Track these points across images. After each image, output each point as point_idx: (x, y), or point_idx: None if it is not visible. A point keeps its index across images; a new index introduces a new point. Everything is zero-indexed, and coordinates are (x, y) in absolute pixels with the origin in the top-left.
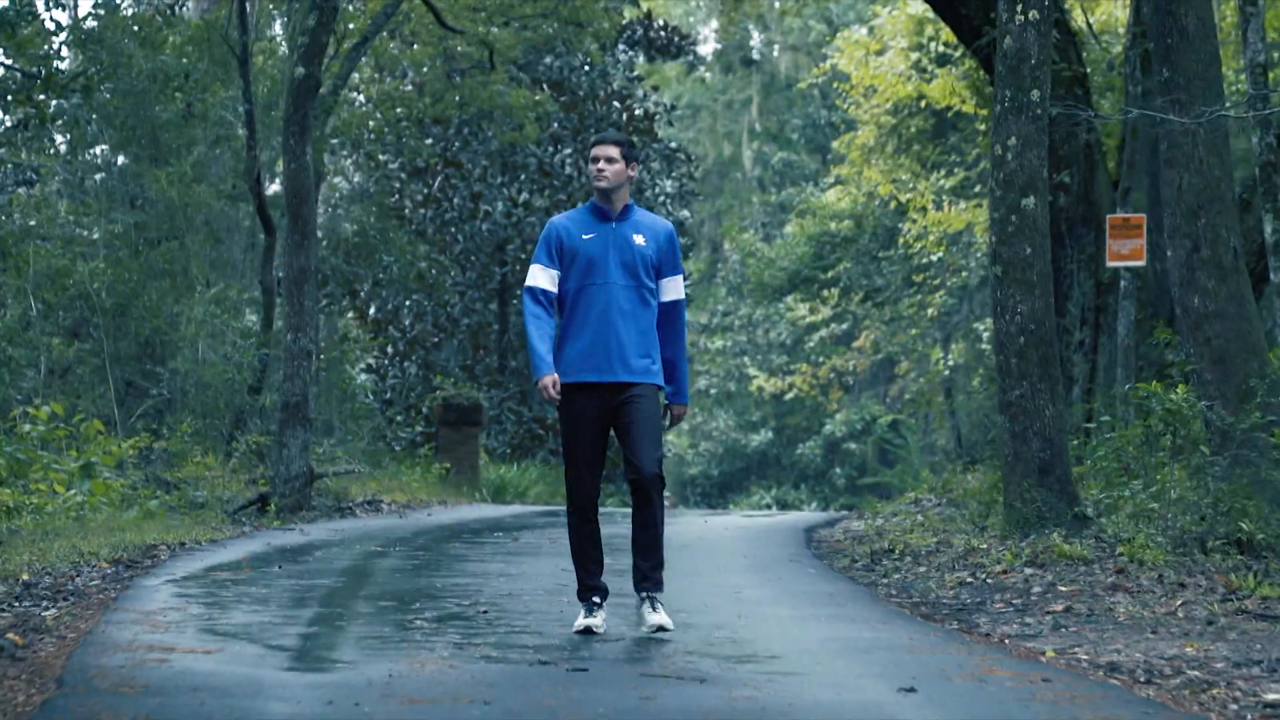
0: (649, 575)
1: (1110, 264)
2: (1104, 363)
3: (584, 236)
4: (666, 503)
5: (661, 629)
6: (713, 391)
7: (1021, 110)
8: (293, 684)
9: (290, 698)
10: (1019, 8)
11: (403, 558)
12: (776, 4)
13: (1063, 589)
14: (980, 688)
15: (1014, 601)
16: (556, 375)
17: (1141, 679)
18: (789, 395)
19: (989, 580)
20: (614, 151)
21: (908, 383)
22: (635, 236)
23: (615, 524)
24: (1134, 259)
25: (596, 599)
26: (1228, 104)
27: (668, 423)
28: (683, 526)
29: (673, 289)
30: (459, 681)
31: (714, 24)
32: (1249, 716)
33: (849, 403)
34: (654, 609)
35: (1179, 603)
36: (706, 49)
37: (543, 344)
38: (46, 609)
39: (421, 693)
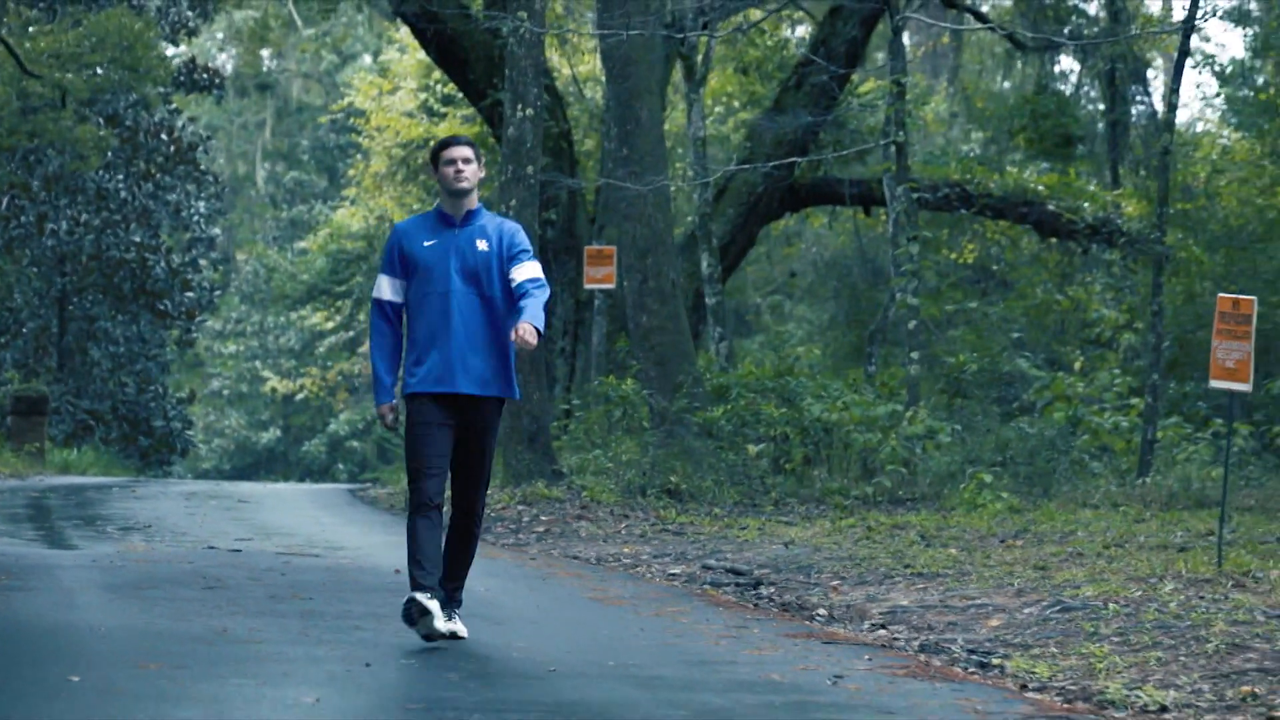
0: (452, 594)
1: (587, 286)
2: (582, 365)
3: (425, 244)
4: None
5: (455, 636)
6: (225, 392)
7: (520, 181)
8: (61, 554)
9: (68, 559)
10: (519, 106)
11: (61, 500)
12: (302, 31)
13: (544, 518)
14: (490, 562)
15: (510, 526)
16: (395, 403)
17: (594, 563)
18: (299, 396)
19: (492, 514)
20: (470, 152)
21: None
22: (479, 242)
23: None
24: (606, 283)
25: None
26: (675, 172)
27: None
28: (248, 489)
29: (522, 273)
30: (164, 554)
31: (232, 50)
32: (658, 579)
33: (353, 403)
34: (450, 619)
35: (623, 525)
36: (224, 72)
37: (383, 364)
38: None
39: (145, 558)
